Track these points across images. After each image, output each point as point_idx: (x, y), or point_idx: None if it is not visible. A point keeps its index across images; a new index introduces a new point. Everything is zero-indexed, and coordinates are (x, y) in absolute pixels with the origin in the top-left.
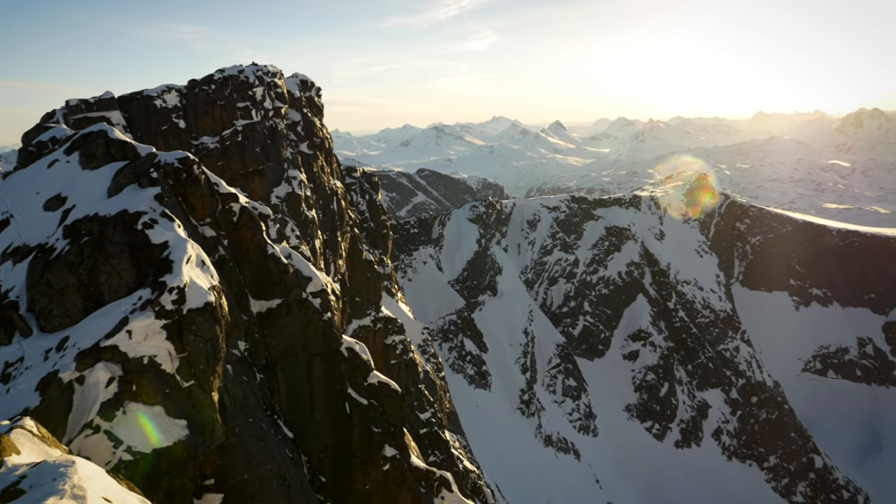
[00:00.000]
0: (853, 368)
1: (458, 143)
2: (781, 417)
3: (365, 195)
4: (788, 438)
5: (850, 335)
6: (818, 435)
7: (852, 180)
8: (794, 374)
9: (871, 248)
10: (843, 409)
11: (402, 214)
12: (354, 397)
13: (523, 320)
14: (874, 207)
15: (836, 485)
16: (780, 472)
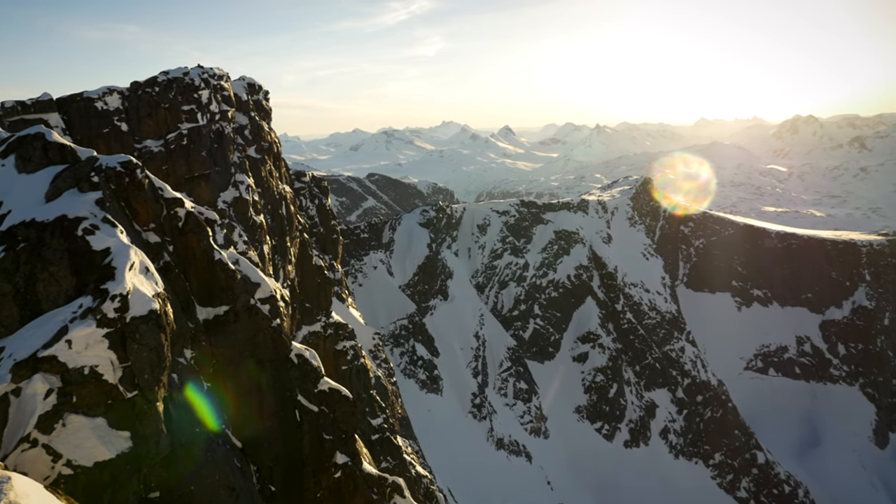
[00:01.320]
0: (792, 366)
1: (409, 147)
2: (725, 415)
3: (314, 200)
4: (732, 436)
5: (789, 334)
6: (760, 431)
7: (789, 184)
8: (737, 373)
9: (807, 249)
10: (784, 405)
11: (352, 219)
12: (305, 404)
13: (474, 324)
14: (810, 210)
15: (777, 479)
16: (724, 469)
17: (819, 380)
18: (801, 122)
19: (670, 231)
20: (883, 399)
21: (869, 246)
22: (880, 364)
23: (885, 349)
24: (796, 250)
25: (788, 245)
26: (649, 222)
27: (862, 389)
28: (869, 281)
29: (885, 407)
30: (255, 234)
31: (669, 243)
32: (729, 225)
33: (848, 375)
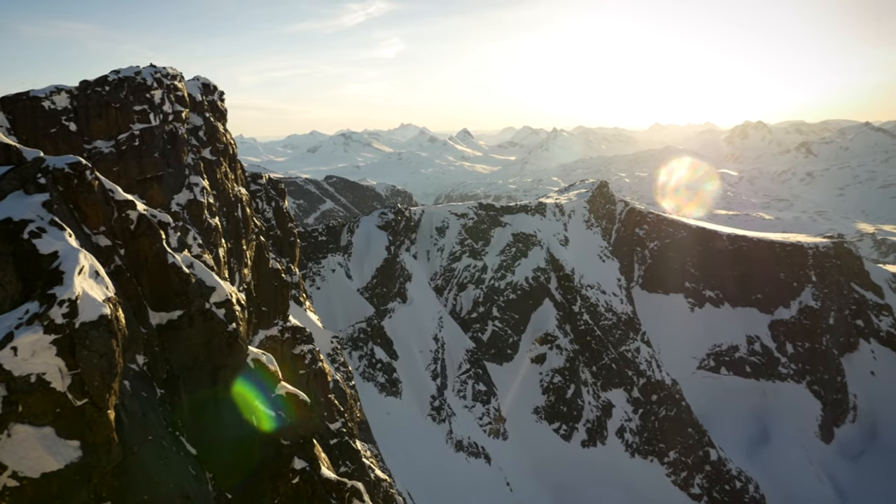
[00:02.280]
0: (743, 365)
1: (367, 150)
2: (679, 414)
3: (271, 202)
4: (686, 434)
5: (740, 334)
6: (712, 429)
7: (740, 188)
8: (690, 372)
9: (757, 251)
10: (735, 403)
11: (309, 222)
12: (262, 409)
13: (433, 327)
14: (760, 214)
15: (729, 475)
16: (678, 466)
17: (768, 378)
18: (750, 127)
19: (625, 233)
20: (828, 396)
21: (815, 248)
22: (825, 362)
23: (829, 348)
24: (746, 252)
25: (739, 247)
26: (605, 225)
27: (808, 387)
28: (815, 282)
29: (830, 403)
30: (210, 237)
31: (625, 245)
32: (682, 227)
33: (795, 373)
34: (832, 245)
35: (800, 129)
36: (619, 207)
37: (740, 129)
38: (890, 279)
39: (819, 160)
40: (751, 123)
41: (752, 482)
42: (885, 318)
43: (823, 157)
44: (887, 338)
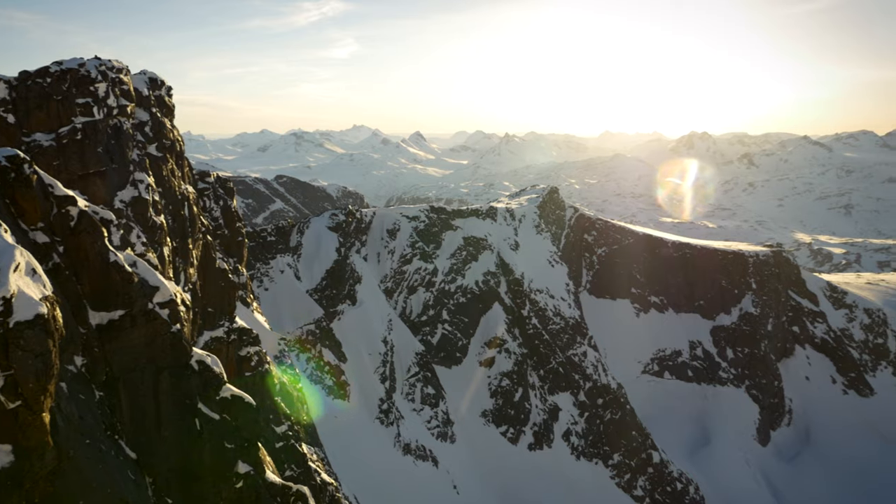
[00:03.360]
0: (685, 369)
1: (318, 150)
2: (624, 417)
3: (219, 201)
4: (630, 436)
5: (683, 339)
6: (656, 432)
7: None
8: (635, 376)
9: (700, 258)
10: (677, 406)
11: (258, 221)
12: (206, 412)
13: (382, 329)
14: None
15: (671, 477)
16: (622, 469)
17: (709, 382)
18: (696, 137)
19: (574, 239)
20: (765, 400)
21: (755, 256)
22: (764, 367)
23: (767, 353)
24: (691, 259)
25: (683, 254)
26: (555, 230)
27: (747, 391)
28: (755, 289)
29: (767, 407)
30: (155, 236)
31: (574, 251)
32: (629, 234)
33: (735, 378)
34: (771, 254)
35: (742, 141)
36: (569, 213)
37: (686, 139)
38: (825, 287)
39: (760, 171)
40: (696, 134)
41: (693, 483)
42: (819, 324)
43: (764, 168)
44: (821, 344)
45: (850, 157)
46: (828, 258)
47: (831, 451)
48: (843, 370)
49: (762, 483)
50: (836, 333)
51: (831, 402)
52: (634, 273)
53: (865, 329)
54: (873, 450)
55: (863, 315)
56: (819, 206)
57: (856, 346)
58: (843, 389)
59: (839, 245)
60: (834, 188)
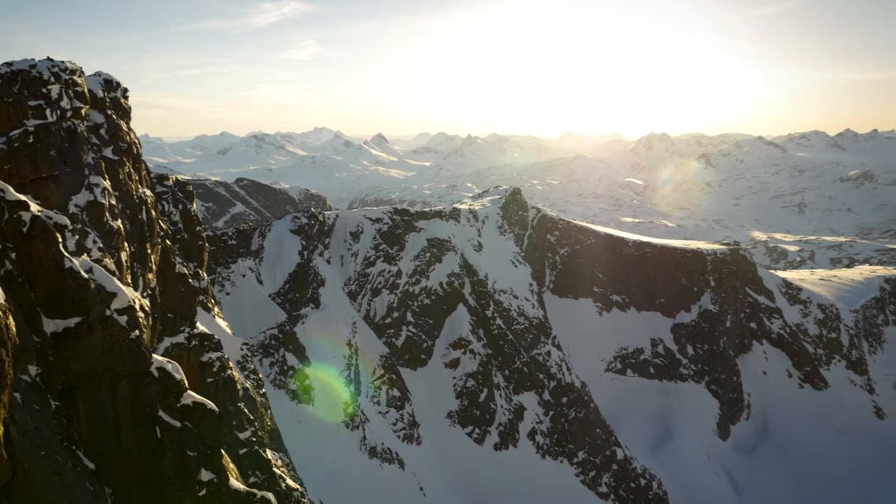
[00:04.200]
0: (647, 367)
1: (280, 152)
2: (588, 415)
3: (178, 205)
4: (594, 434)
5: (645, 337)
6: (619, 429)
7: (645, 196)
8: (598, 375)
9: (660, 257)
10: (640, 404)
11: (219, 225)
12: (166, 420)
13: (347, 332)
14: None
15: (634, 473)
16: (587, 466)
17: (671, 379)
18: (655, 138)
19: (537, 240)
20: (725, 395)
21: (713, 255)
22: (723, 363)
23: (726, 349)
24: (651, 258)
25: (644, 253)
26: (518, 231)
27: (707, 387)
28: (713, 287)
29: (727, 402)
30: (112, 241)
31: (537, 251)
32: (591, 234)
33: (696, 374)
34: (729, 252)
35: (700, 142)
36: (532, 214)
37: (646, 139)
38: (780, 284)
39: (717, 171)
40: (655, 135)
41: (656, 479)
42: (775, 320)
43: (721, 168)
44: (778, 339)
45: (803, 156)
46: (783, 255)
47: (788, 444)
48: (798, 364)
49: (722, 476)
50: (791, 329)
51: (788, 396)
52: (596, 272)
53: (819, 324)
54: (828, 441)
55: (817, 310)
56: (774, 204)
57: (810, 340)
58: (799, 383)
59: (793, 243)
60: (788, 187)
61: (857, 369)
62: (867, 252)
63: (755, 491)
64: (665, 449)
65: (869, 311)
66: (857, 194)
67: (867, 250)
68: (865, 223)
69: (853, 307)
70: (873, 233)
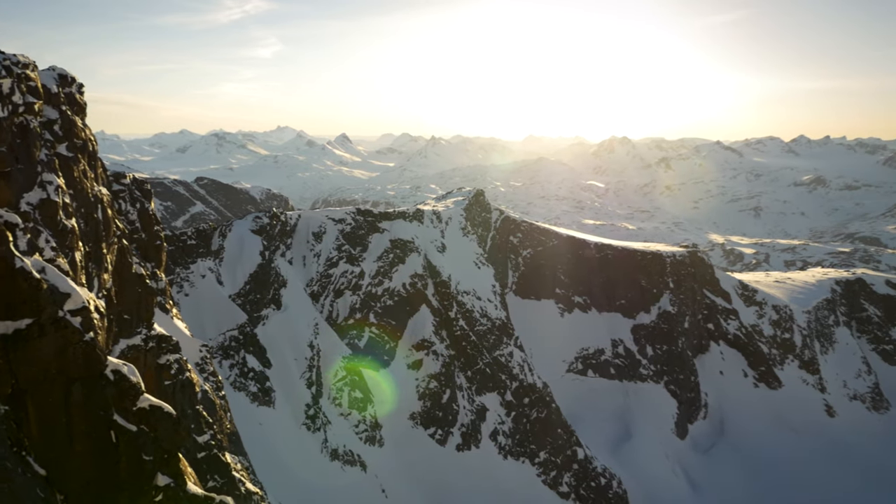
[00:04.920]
0: (608, 367)
1: (241, 151)
2: (549, 415)
3: (136, 204)
4: (555, 434)
5: (605, 338)
6: (580, 429)
7: (606, 199)
8: (560, 375)
9: (621, 259)
10: (600, 404)
11: (178, 225)
12: (122, 424)
13: (309, 333)
14: (624, 224)
15: (595, 473)
16: (548, 466)
17: (630, 379)
18: (616, 142)
19: (500, 241)
20: (683, 395)
21: (672, 257)
22: (681, 363)
23: (684, 350)
24: (612, 260)
25: (605, 255)
26: (481, 232)
27: (666, 387)
28: (672, 288)
29: (685, 402)
30: (66, 240)
31: (500, 253)
32: (554, 236)
33: (655, 374)
34: (687, 254)
35: (660, 146)
36: (495, 216)
37: (607, 143)
38: (737, 286)
39: (677, 175)
40: (616, 138)
41: (616, 478)
42: (732, 321)
43: (680, 172)
44: (734, 340)
45: (759, 161)
46: (739, 258)
47: (743, 442)
48: (753, 364)
49: (680, 474)
50: (747, 330)
51: (743, 396)
52: (559, 274)
53: (774, 325)
54: (781, 439)
55: (771, 311)
56: (731, 208)
57: (765, 341)
58: (754, 383)
59: (749, 245)
60: (744, 191)
61: (810, 369)
62: (819, 255)
63: (712, 488)
64: (624, 448)
65: (821, 312)
66: (810, 199)
67: (819, 253)
68: (818, 227)
69: (806, 308)
70: (825, 236)
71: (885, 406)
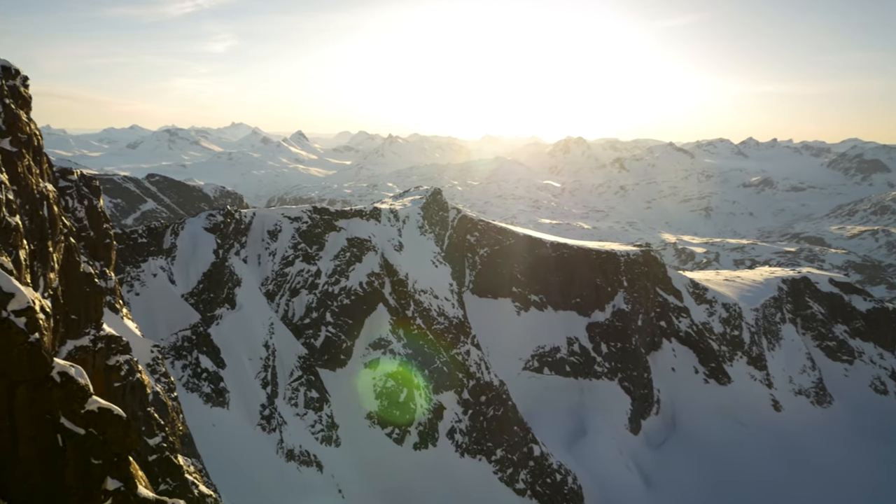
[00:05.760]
0: (563, 365)
1: (194, 148)
2: (506, 413)
3: (83, 201)
4: (512, 432)
5: (561, 336)
6: (536, 426)
7: (562, 199)
8: (517, 373)
9: (576, 258)
10: (556, 401)
11: (128, 223)
12: (69, 427)
13: (264, 333)
14: (579, 223)
15: (551, 469)
16: (505, 463)
17: (585, 376)
18: (572, 142)
19: (458, 240)
20: (636, 391)
21: (626, 256)
22: (634, 360)
23: (638, 347)
24: (567, 259)
25: (561, 254)
26: (438, 231)
27: (620, 383)
28: (626, 287)
29: (638, 398)
30: (9, 238)
31: (457, 251)
32: (510, 235)
33: (609, 371)
34: (641, 253)
35: (615, 147)
36: (452, 214)
37: (563, 143)
38: (688, 285)
39: (630, 175)
40: (572, 139)
41: (571, 474)
42: (683, 319)
43: (634, 172)
44: (685, 337)
45: (710, 162)
46: (690, 257)
47: (694, 437)
48: (704, 361)
49: (634, 469)
50: (698, 327)
51: (694, 391)
52: (515, 273)
53: (723, 322)
54: (730, 433)
55: (721, 309)
56: (682, 208)
57: (715, 338)
58: (705, 379)
59: (700, 245)
60: (695, 192)
61: (757, 365)
62: (767, 254)
63: (664, 482)
64: (580, 445)
65: (768, 309)
66: (758, 199)
67: (767, 252)
68: (766, 227)
69: (754, 306)
70: (772, 236)
71: (828, 400)
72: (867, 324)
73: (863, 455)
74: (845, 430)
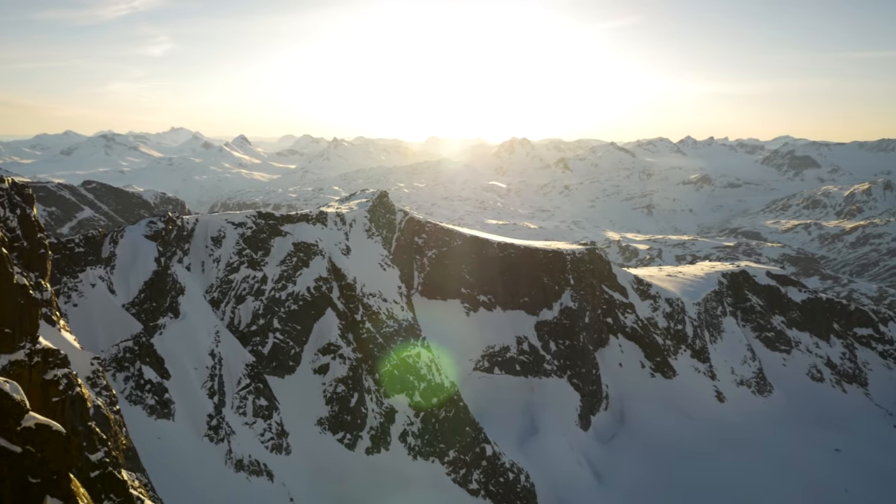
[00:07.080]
0: (513, 364)
1: (133, 153)
2: (458, 414)
3: (16, 209)
4: (464, 432)
5: (510, 335)
6: (488, 426)
7: (508, 199)
8: (467, 374)
9: (523, 258)
10: (507, 400)
11: (64, 231)
12: (4, 446)
13: (209, 342)
14: (525, 223)
15: (503, 468)
16: (458, 464)
17: (535, 375)
18: (516, 143)
19: (405, 242)
20: (585, 388)
21: (572, 254)
22: (583, 357)
23: (586, 344)
24: (514, 259)
25: (508, 254)
26: (386, 234)
27: (569, 380)
28: (573, 285)
29: (587, 394)
30: None
31: (405, 254)
32: (458, 236)
33: (558, 369)
34: (586, 251)
35: (558, 147)
36: (399, 217)
37: (508, 144)
38: (633, 281)
39: (574, 175)
40: (517, 140)
41: (524, 472)
42: (629, 315)
43: (578, 172)
44: (631, 333)
45: (650, 161)
46: (634, 254)
47: (642, 430)
48: (650, 356)
49: (584, 465)
50: (643, 322)
51: (641, 386)
52: (463, 274)
53: (667, 317)
54: (677, 425)
55: (665, 304)
56: (625, 206)
57: (660, 333)
58: (651, 373)
59: (643, 242)
60: (637, 190)
61: (701, 357)
62: (707, 249)
63: (615, 476)
64: (531, 443)
65: (709, 303)
66: (698, 196)
67: (707, 247)
68: (705, 223)
69: (696, 300)
70: (712, 231)
71: (768, 390)
72: (803, 314)
73: (802, 441)
74: (785, 417)
